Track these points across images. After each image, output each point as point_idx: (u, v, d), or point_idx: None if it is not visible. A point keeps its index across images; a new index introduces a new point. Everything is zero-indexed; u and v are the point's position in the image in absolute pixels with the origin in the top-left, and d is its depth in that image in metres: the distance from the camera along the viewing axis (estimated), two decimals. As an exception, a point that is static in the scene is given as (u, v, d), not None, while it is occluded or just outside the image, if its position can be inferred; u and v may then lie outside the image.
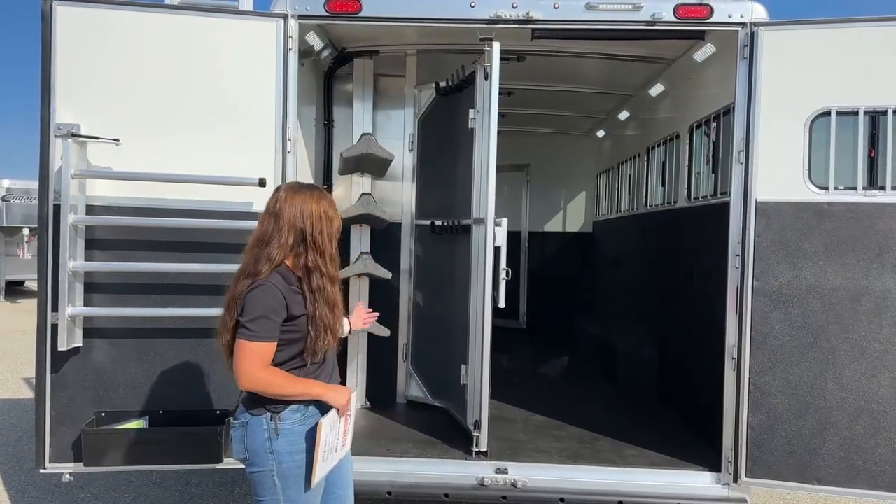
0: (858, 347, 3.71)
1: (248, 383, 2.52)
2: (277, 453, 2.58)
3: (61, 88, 3.71)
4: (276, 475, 2.58)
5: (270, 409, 2.59)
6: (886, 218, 3.68)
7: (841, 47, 3.73)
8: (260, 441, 2.58)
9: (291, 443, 2.60)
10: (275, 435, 2.58)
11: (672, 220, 5.83)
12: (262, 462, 2.59)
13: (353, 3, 3.98)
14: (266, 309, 2.50)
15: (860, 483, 3.74)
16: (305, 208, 2.59)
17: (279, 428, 2.58)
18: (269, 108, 3.89)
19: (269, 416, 2.58)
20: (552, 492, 3.96)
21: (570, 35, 4.18)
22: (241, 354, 2.50)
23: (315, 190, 2.71)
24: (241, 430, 2.63)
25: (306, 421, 2.64)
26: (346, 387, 2.79)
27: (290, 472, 2.60)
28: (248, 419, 2.61)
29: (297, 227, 2.58)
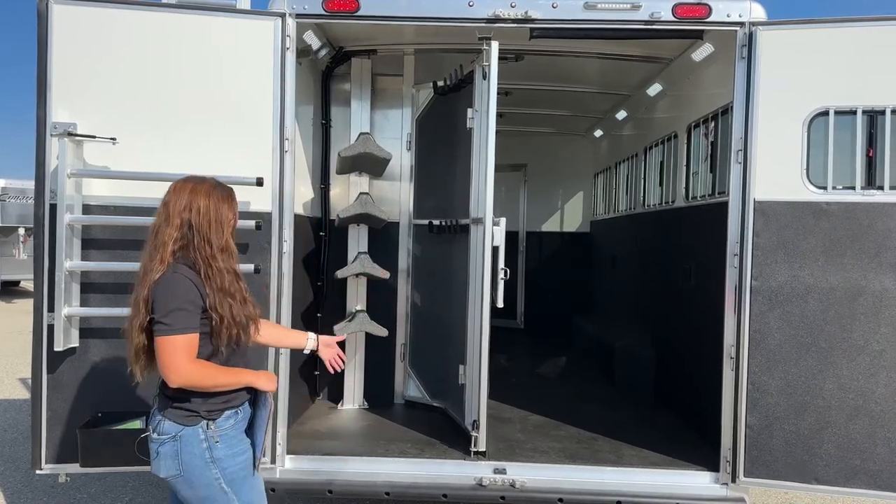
0: (856, 347, 3.71)
1: (179, 379, 2.45)
2: (219, 460, 2.55)
3: (57, 87, 3.69)
4: (223, 482, 2.55)
5: (206, 416, 2.54)
6: (884, 217, 3.68)
7: (839, 47, 3.73)
8: (198, 452, 2.53)
9: (231, 446, 2.59)
10: (214, 443, 2.54)
11: (670, 220, 5.83)
12: (203, 474, 2.54)
13: (352, 2, 3.97)
14: (178, 300, 2.46)
15: (858, 482, 3.74)
16: (192, 200, 2.57)
17: (217, 435, 2.55)
18: (267, 108, 3.88)
19: (206, 424, 2.54)
20: (550, 492, 3.95)
21: (568, 34, 4.18)
22: (163, 351, 2.44)
23: (206, 183, 2.66)
24: (174, 444, 2.53)
25: (238, 425, 2.65)
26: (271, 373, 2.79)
27: (237, 474, 2.59)
28: (181, 431, 2.53)
29: (182, 218, 2.55)
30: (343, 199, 5.36)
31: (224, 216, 2.63)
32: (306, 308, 5.02)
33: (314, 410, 5.15)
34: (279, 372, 3.93)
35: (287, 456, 4.05)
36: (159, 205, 2.63)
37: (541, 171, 9.33)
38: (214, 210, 2.59)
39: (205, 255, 2.54)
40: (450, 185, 4.93)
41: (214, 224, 2.58)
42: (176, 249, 2.53)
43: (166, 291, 2.46)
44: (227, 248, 2.62)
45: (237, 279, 2.64)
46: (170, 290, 2.47)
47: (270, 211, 3.88)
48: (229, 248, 2.63)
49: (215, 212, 2.59)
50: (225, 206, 2.64)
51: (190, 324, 2.47)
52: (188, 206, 2.55)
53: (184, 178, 2.69)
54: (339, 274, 5.02)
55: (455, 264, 4.80)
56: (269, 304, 3.88)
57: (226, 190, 2.71)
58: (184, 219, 2.54)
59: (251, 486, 2.67)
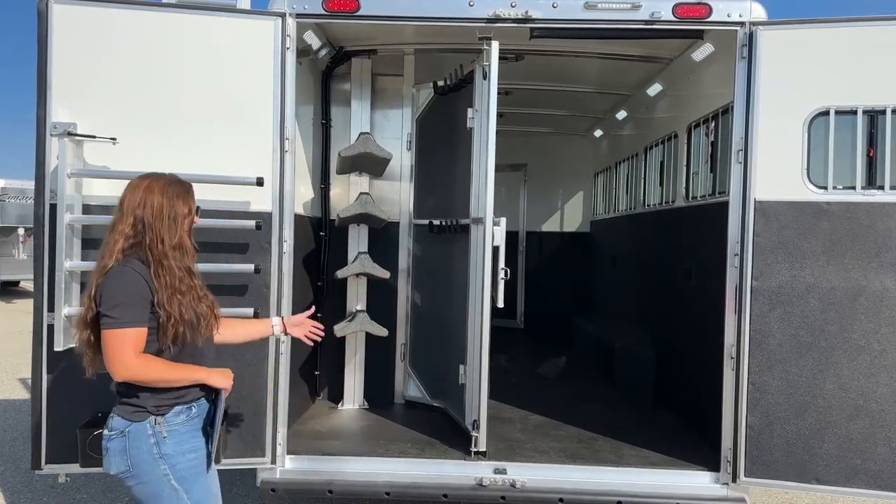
0: (857, 347, 3.71)
1: (123, 372, 2.43)
2: (168, 456, 2.51)
3: (57, 87, 3.68)
4: (172, 479, 2.51)
5: (154, 411, 2.52)
6: (885, 217, 3.68)
7: (840, 47, 3.73)
8: (146, 448, 2.50)
9: (179, 443, 2.54)
10: (162, 438, 2.51)
11: (670, 220, 5.83)
12: (151, 470, 2.51)
13: (352, 2, 3.96)
14: (125, 294, 2.45)
15: (859, 482, 3.74)
16: (146, 197, 2.56)
17: (165, 430, 2.51)
18: (267, 108, 3.87)
19: (154, 419, 2.51)
20: (551, 492, 3.96)
21: (568, 34, 4.18)
22: (108, 344, 2.43)
23: (162, 179, 2.65)
24: (122, 439, 2.51)
25: (191, 422, 2.60)
26: (227, 370, 2.73)
27: (187, 472, 2.54)
28: (129, 426, 2.51)
29: (136, 214, 2.55)
30: (343, 198, 5.36)
31: (178, 213, 2.61)
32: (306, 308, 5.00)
33: (314, 410, 5.15)
34: (279, 372, 3.93)
35: (287, 456, 4.05)
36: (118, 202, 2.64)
37: (541, 171, 9.33)
38: (168, 207, 2.58)
39: (157, 252, 2.53)
40: (450, 184, 4.93)
41: (167, 221, 2.56)
42: (128, 246, 2.53)
43: (114, 285, 2.46)
44: (181, 246, 2.60)
45: (190, 277, 2.62)
46: (118, 283, 2.46)
47: (270, 211, 3.87)
48: (183, 245, 2.61)
49: (169, 209, 2.58)
50: (180, 203, 2.62)
51: (137, 317, 2.45)
52: (142, 202, 2.55)
53: (141, 175, 2.69)
54: (340, 274, 5.02)
55: (455, 264, 4.80)
56: (269, 304, 3.88)
57: (182, 187, 2.69)
58: (137, 216, 2.54)
59: (203, 484, 2.62)
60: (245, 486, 5.11)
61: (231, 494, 5.00)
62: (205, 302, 2.67)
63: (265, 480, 4.01)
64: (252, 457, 3.91)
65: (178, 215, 2.61)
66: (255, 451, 3.90)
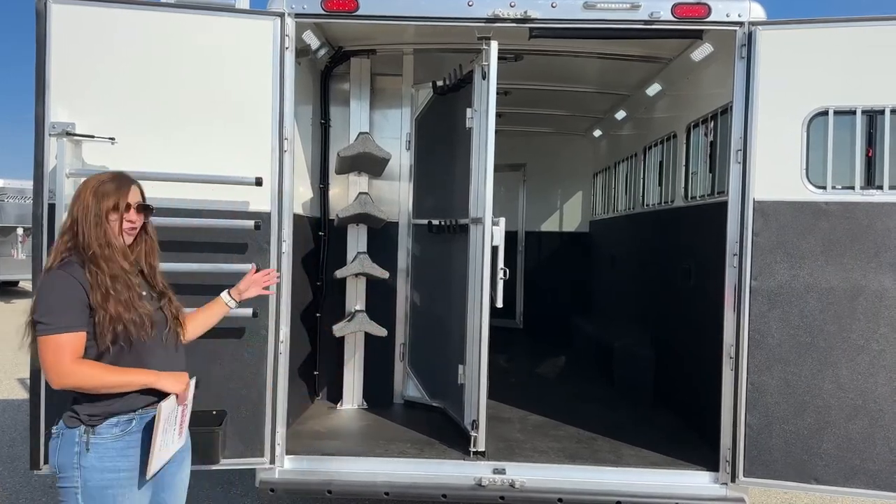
0: (856, 347, 3.71)
1: (60, 380, 2.37)
2: (85, 469, 2.44)
3: (56, 87, 3.66)
4: (80, 493, 2.43)
5: (87, 421, 2.46)
6: (884, 217, 3.68)
7: (839, 47, 3.73)
8: (68, 454, 2.46)
9: (101, 459, 2.45)
10: (85, 449, 2.44)
11: (669, 220, 5.83)
12: (69, 477, 2.46)
13: (351, 2, 3.96)
14: (57, 298, 2.39)
15: (858, 482, 3.74)
16: (80, 195, 2.52)
17: (90, 442, 2.44)
18: (266, 107, 3.86)
19: (84, 429, 2.45)
20: (550, 492, 3.96)
21: (568, 34, 4.17)
22: (43, 351, 2.36)
23: (98, 178, 2.59)
24: (56, 441, 2.50)
25: (126, 437, 2.49)
26: (182, 373, 2.62)
27: (96, 491, 2.44)
28: (63, 430, 2.49)
29: (73, 215, 2.52)
30: (342, 198, 5.36)
31: (104, 212, 2.51)
32: (305, 308, 5.02)
33: (313, 410, 5.15)
34: (278, 372, 3.92)
35: (286, 456, 4.04)
36: None
37: (540, 171, 9.33)
38: (95, 206, 2.50)
39: (87, 252, 2.46)
40: (449, 184, 4.93)
41: (93, 220, 2.49)
42: (67, 247, 2.49)
43: (47, 289, 2.41)
44: (110, 245, 2.50)
45: (126, 275, 2.51)
46: (50, 287, 2.41)
47: (269, 211, 3.87)
48: (111, 244, 2.50)
49: (96, 208, 2.50)
50: (108, 202, 2.52)
51: (71, 323, 2.38)
52: (76, 201, 2.52)
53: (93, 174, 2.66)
54: (339, 274, 5.02)
55: (454, 264, 4.80)
56: (268, 304, 3.87)
57: (115, 184, 2.58)
58: (73, 216, 2.51)
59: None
60: (244, 486, 5.12)
61: (230, 495, 5.01)
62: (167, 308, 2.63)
63: (264, 480, 4.00)
64: (251, 457, 3.90)
65: (104, 214, 2.51)
66: (254, 452, 3.89)
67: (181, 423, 2.67)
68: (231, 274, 3.79)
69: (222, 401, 3.83)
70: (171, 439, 2.58)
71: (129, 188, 2.63)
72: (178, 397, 2.56)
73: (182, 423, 2.68)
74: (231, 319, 3.78)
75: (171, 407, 2.53)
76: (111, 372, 2.44)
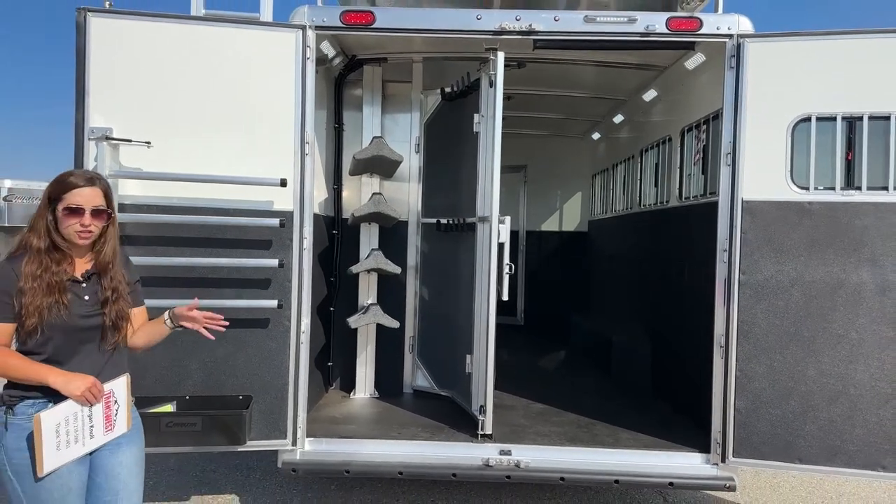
0: (836, 336, 3.99)
1: None
2: (6, 448, 2.54)
3: (94, 94, 3.94)
4: (8, 470, 2.54)
5: (7, 401, 2.55)
6: (862, 216, 3.96)
7: (821, 58, 4.01)
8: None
9: (19, 438, 2.52)
10: (4, 429, 2.54)
11: (664, 219, 6.11)
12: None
13: (367, 15, 4.24)
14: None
15: (838, 462, 4.01)
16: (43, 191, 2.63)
17: (8, 422, 2.53)
18: (289, 113, 4.14)
19: (4, 409, 2.54)
20: (553, 471, 4.25)
21: (569, 45, 4.44)
22: None
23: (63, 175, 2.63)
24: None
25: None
26: (87, 376, 2.59)
27: (20, 467, 2.53)
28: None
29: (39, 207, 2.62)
30: (354, 199, 5.64)
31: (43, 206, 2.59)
32: (320, 302, 5.30)
33: (328, 399, 5.43)
34: (300, 360, 4.20)
35: (307, 439, 4.33)
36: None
37: (541, 172, 9.62)
38: (43, 200, 2.59)
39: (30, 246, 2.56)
40: (456, 185, 5.21)
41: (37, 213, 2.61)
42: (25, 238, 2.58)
43: None
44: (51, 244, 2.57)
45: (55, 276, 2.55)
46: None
47: (292, 210, 4.14)
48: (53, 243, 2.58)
49: (43, 202, 2.60)
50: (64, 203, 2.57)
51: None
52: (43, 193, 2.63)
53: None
54: (354, 269, 5.31)
55: (461, 260, 5.08)
56: (290, 297, 4.15)
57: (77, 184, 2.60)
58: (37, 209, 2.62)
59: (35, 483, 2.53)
60: (262, 470, 5.39)
61: (249, 479, 5.27)
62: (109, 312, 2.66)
63: (286, 461, 4.28)
64: (274, 439, 4.18)
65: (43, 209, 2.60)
66: (277, 434, 4.17)
67: (108, 419, 2.70)
68: (258, 268, 4.09)
69: (248, 387, 4.11)
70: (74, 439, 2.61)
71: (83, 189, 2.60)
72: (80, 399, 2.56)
73: (109, 421, 2.71)
74: (256, 311, 4.11)
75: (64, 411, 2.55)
76: (24, 365, 2.51)
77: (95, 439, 2.67)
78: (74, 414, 2.58)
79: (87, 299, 2.65)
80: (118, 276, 2.74)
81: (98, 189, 2.65)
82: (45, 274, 2.53)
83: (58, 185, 2.61)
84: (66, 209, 2.57)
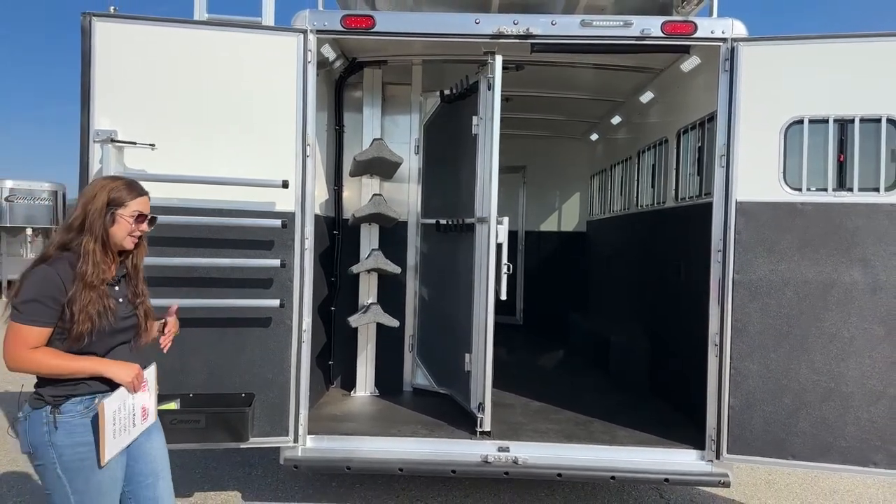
0: (828, 334, 4.06)
1: (11, 363, 2.52)
2: (57, 446, 2.58)
3: (100, 98, 4.01)
4: (58, 468, 2.58)
5: (51, 401, 2.60)
6: (854, 216, 4.04)
7: (814, 61, 4.09)
8: (39, 434, 2.59)
9: (70, 435, 2.59)
10: (53, 428, 2.58)
11: (661, 220, 6.19)
12: (44, 456, 2.60)
13: (367, 20, 4.31)
14: (39, 293, 2.51)
15: (831, 458, 4.09)
16: (96, 195, 2.64)
17: (58, 421, 2.58)
18: (290, 116, 4.21)
19: (49, 409, 2.59)
20: (550, 468, 4.32)
21: (566, 49, 4.50)
22: (7, 334, 2.51)
23: (116, 181, 2.75)
24: (24, 423, 2.63)
25: (91, 412, 2.62)
26: (133, 364, 2.71)
27: (72, 464, 2.59)
28: (29, 413, 2.62)
29: (83, 211, 2.64)
30: (354, 200, 5.71)
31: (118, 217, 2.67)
32: (321, 302, 5.37)
33: (329, 397, 5.51)
34: (301, 358, 4.27)
35: (308, 436, 4.40)
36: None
37: (539, 173, 9.69)
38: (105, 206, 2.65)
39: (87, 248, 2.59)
40: (455, 186, 5.28)
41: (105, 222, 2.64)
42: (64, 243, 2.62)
43: (32, 280, 2.54)
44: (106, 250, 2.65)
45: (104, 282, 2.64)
46: (36, 279, 2.54)
47: (294, 211, 4.21)
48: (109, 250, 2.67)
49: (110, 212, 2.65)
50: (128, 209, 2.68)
51: (42, 318, 2.52)
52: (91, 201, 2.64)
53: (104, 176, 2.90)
54: (354, 269, 5.39)
55: (460, 260, 5.15)
56: (291, 297, 4.21)
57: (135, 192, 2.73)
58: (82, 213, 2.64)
59: (86, 478, 2.62)
60: (264, 467, 5.46)
61: (251, 476, 5.35)
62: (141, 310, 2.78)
63: (288, 458, 4.35)
64: (276, 436, 4.25)
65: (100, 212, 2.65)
66: (280, 431, 4.25)
67: (143, 409, 2.80)
68: (260, 268, 4.16)
69: (250, 384, 4.18)
70: (129, 424, 2.72)
71: (144, 197, 2.77)
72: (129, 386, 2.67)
73: (144, 409, 2.81)
74: (258, 310, 4.19)
75: (119, 399, 2.65)
76: (62, 359, 2.56)
77: (136, 427, 2.78)
78: (124, 402, 2.67)
79: (122, 301, 2.75)
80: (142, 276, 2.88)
81: (148, 197, 2.81)
82: (98, 278, 2.60)
83: (123, 190, 2.70)
84: (134, 215, 2.70)
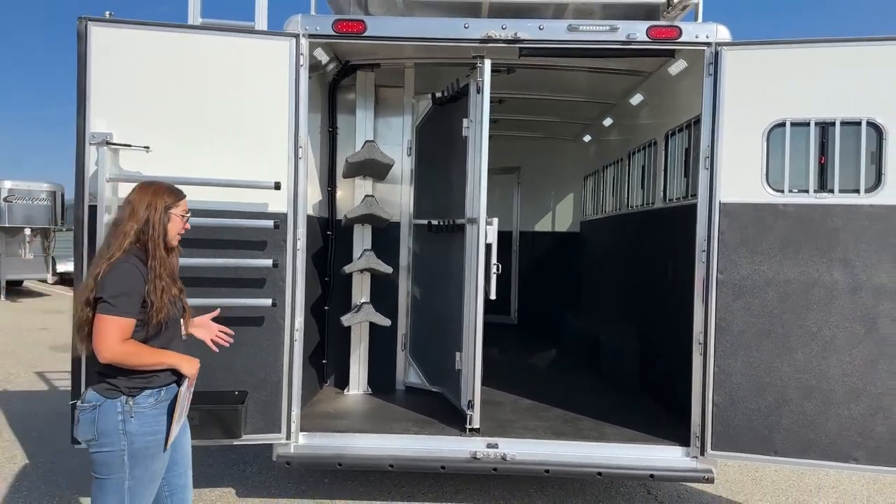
0: (810, 333, 4.15)
1: (109, 355, 2.75)
2: (130, 434, 2.82)
3: (95, 101, 4.09)
4: (126, 454, 2.82)
5: (126, 392, 2.84)
6: (834, 217, 4.12)
7: (796, 65, 4.18)
8: (112, 422, 2.81)
9: (143, 425, 2.85)
10: (129, 417, 2.82)
11: (650, 221, 6.28)
12: (113, 442, 2.82)
13: (358, 24, 4.40)
14: (126, 286, 2.78)
15: (812, 454, 4.17)
16: (152, 201, 2.94)
17: (133, 410, 2.83)
18: (283, 118, 4.29)
19: (125, 399, 2.83)
20: (538, 464, 4.41)
21: (554, 53, 4.59)
22: (102, 328, 2.74)
23: (161, 186, 3.05)
24: (92, 412, 2.83)
25: (159, 405, 2.91)
26: (195, 358, 3.03)
27: (140, 452, 2.84)
28: (102, 402, 2.83)
29: (140, 215, 2.91)
30: (348, 201, 5.79)
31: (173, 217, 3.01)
32: (315, 301, 5.45)
33: (322, 395, 5.59)
34: (294, 357, 4.35)
35: (300, 433, 4.48)
36: (123, 202, 3.05)
37: (533, 174, 9.80)
38: (166, 212, 2.98)
39: (156, 252, 2.89)
40: (447, 187, 5.36)
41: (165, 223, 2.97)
42: (133, 241, 2.88)
43: (118, 276, 2.79)
44: (169, 247, 2.99)
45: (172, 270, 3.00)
46: (121, 275, 2.80)
47: (286, 212, 4.29)
48: (170, 247, 3.01)
49: (164, 211, 2.97)
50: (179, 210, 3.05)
51: (131, 309, 2.79)
52: (148, 206, 2.94)
53: (146, 181, 3.16)
54: (347, 269, 5.46)
55: (452, 260, 5.24)
56: (284, 296, 4.29)
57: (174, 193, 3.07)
58: (141, 217, 2.91)
59: (147, 466, 2.88)
60: (258, 464, 5.54)
61: (246, 473, 5.42)
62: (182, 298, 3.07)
63: (281, 455, 4.44)
64: (269, 433, 4.33)
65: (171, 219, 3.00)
66: (272, 428, 4.33)
67: (188, 399, 3.07)
68: (253, 268, 4.24)
69: (244, 382, 4.26)
70: (183, 416, 3.05)
71: (185, 199, 3.14)
72: (193, 378, 3.01)
73: (188, 399, 3.08)
74: (251, 309, 4.26)
75: (186, 390, 2.97)
76: (148, 352, 2.87)
77: (185, 416, 3.08)
78: (182, 393, 2.96)
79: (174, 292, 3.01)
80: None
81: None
82: (166, 269, 2.93)
83: (172, 194, 3.05)
84: (184, 213, 3.08)
